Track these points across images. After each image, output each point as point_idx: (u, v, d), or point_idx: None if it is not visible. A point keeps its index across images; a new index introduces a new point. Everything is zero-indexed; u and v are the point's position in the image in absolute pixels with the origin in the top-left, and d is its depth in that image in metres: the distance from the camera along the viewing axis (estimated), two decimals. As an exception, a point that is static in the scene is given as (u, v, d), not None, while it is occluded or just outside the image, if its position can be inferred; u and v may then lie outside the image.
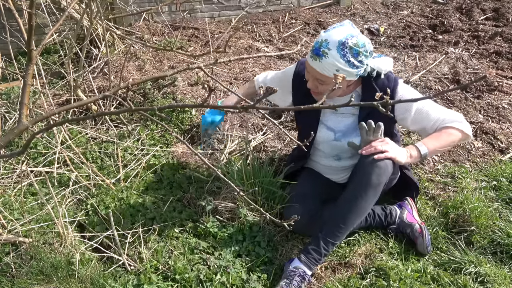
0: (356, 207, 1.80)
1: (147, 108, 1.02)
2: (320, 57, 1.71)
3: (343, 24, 1.75)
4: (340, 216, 1.82)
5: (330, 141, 1.97)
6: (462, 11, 4.82)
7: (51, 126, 1.19)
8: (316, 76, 1.76)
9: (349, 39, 1.68)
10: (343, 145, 1.95)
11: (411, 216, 2.04)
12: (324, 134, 1.97)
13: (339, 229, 1.82)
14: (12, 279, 1.77)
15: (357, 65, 1.73)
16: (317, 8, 5.02)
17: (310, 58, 1.76)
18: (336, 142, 1.96)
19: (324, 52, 1.69)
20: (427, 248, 1.92)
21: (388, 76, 1.85)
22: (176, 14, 4.43)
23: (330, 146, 1.99)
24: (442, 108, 1.88)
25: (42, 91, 2.52)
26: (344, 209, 1.82)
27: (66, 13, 1.58)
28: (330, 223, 1.84)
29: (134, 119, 2.89)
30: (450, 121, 1.82)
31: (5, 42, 2.57)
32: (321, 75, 1.74)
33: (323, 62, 1.71)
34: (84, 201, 2.17)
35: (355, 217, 1.82)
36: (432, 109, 1.85)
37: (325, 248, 1.82)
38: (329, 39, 1.69)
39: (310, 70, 1.78)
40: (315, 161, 2.13)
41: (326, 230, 1.83)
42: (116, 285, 1.74)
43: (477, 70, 3.49)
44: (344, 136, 1.94)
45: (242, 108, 0.94)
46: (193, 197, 2.20)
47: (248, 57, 1.17)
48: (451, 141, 1.81)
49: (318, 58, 1.71)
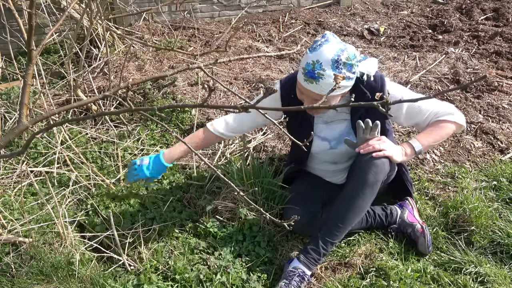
0: (354, 206, 1.80)
1: (147, 108, 1.02)
2: (316, 80, 1.66)
3: (327, 39, 1.69)
4: (338, 215, 1.83)
5: (327, 150, 1.97)
6: (462, 11, 4.82)
7: (51, 126, 1.19)
8: (314, 97, 1.72)
9: (341, 55, 1.64)
10: (340, 151, 1.95)
11: (412, 216, 2.04)
12: (319, 145, 1.96)
13: (338, 228, 1.82)
14: (12, 279, 1.77)
15: (352, 76, 1.72)
16: (317, 8, 5.02)
17: (304, 81, 1.70)
18: (333, 150, 1.96)
19: (319, 74, 1.65)
20: (428, 248, 1.92)
21: (374, 76, 1.82)
22: (176, 14, 4.43)
23: (328, 154, 2.00)
24: (433, 101, 1.87)
25: (42, 91, 2.52)
26: (342, 209, 1.82)
27: (66, 13, 1.58)
28: (328, 222, 1.84)
29: (134, 119, 2.89)
30: (443, 114, 1.82)
31: (5, 42, 2.57)
32: (320, 96, 1.70)
33: (320, 83, 1.66)
34: (84, 201, 2.17)
35: (353, 216, 1.82)
36: (424, 103, 1.85)
37: (324, 247, 1.82)
38: (321, 59, 1.65)
39: (306, 92, 1.73)
40: (312, 167, 2.14)
41: (324, 229, 1.84)
42: (116, 285, 1.74)
43: (477, 70, 3.49)
44: (339, 143, 1.94)
45: (242, 108, 0.94)
46: (193, 197, 2.20)
47: (248, 57, 1.17)
48: (445, 133, 1.82)
49: (314, 81, 1.67)
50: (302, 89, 1.75)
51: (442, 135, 1.82)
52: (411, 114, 1.85)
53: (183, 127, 2.77)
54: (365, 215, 2.01)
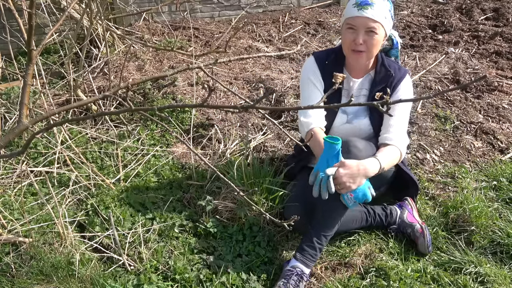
0: (341, 203, 1.81)
1: (147, 108, 1.02)
2: (371, 5, 1.81)
3: None
4: (328, 208, 1.82)
5: (344, 124, 2.01)
6: (462, 11, 4.82)
7: (51, 126, 1.19)
8: (368, 25, 1.82)
9: None
10: (354, 126, 2.00)
11: (412, 216, 2.04)
12: (339, 118, 2.02)
13: (328, 220, 1.83)
14: (12, 279, 1.77)
15: (392, 18, 1.89)
16: (317, 8, 5.02)
17: (358, 11, 1.82)
18: (348, 125, 2.00)
19: (372, 1, 1.82)
20: (428, 248, 1.92)
21: (400, 67, 1.98)
22: (176, 14, 4.43)
23: (344, 130, 2.02)
24: (404, 125, 1.96)
25: (42, 91, 2.52)
26: (329, 200, 1.77)
27: (66, 13, 1.58)
28: (318, 216, 1.85)
29: (134, 119, 2.89)
30: (399, 144, 1.91)
31: (5, 42, 2.57)
32: (374, 21, 1.81)
33: (375, 8, 1.81)
34: (84, 201, 2.18)
35: (343, 207, 1.82)
36: (403, 120, 1.95)
37: (318, 242, 1.82)
38: None
39: (361, 22, 1.83)
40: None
41: (315, 223, 1.84)
42: (116, 285, 1.74)
43: (477, 70, 3.49)
44: (355, 118, 2.00)
45: (242, 108, 0.94)
46: (193, 197, 2.20)
47: (248, 57, 1.17)
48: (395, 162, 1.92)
49: (369, 7, 1.81)
50: (356, 21, 1.84)
51: (394, 163, 1.92)
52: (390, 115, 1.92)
53: (183, 127, 2.77)
54: (365, 214, 2.01)
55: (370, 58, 1.93)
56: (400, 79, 1.94)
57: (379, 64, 1.97)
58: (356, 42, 1.85)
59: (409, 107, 2.01)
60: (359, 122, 1.98)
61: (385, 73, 1.95)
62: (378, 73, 1.96)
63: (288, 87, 3.20)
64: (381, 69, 1.96)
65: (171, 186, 2.30)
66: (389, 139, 1.91)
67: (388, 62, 1.97)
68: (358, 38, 1.84)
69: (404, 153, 1.94)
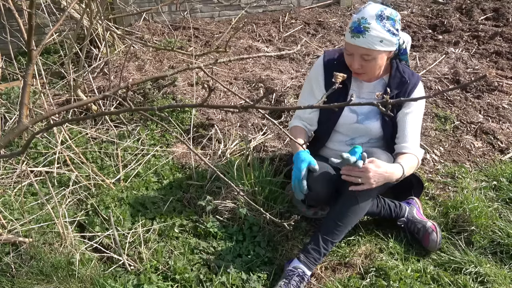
0: (353, 207, 1.81)
1: (147, 108, 1.02)
2: (363, 33, 1.77)
3: (370, 3, 1.86)
4: (338, 214, 1.83)
5: (352, 123, 2.00)
6: (462, 11, 4.82)
7: (51, 126, 1.19)
8: (362, 52, 1.81)
9: (383, 11, 1.80)
10: (364, 127, 1.99)
11: (420, 214, 2.05)
12: (347, 117, 2.00)
13: (338, 227, 1.82)
14: (12, 279, 1.77)
15: (396, 33, 1.82)
16: (317, 8, 5.02)
17: (351, 38, 1.80)
18: (358, 125, 1.99)
19: (365, 28, 1.77)
20: (438, 245, 1.94)
21: (413, 72, 1.99)
22: (176, 14, 4.43)
23: (351, 129, 2.01)
24: (418, 134, 1.99)
25: (42, 91, 2.52)
26: (343, 208, 1.83)
27: (66, 13, 1.58)
28: (328, 221, 1.85)
29: (134, 119, 2.89)
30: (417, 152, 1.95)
31: (5, 42, 2.57)
32: (366, 50, 1.79)
33: (367, 36, 1.77)
34: (84, 201, 2.18)
35: (353, 215, 1.83)
36: (417, 130, 1.98)
37: (324, 247, 1.82)
38: (365, 15, 1.79)
39: (354, 49, 1.82)
40: (328, 147, 2.10)
41: (324, 228, 1.84)
42: (116, 285, 1.74)
43: (477, 70, 3.49)
44: (366, 119, 1.99)
45: (242, 108, 0.94)
46: (193, 197, 2.20)
47: (248, 57, 1.17)
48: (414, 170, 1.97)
49: (361, 35, 1.78)
50: (350, 48, 1.84)
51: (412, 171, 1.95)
52: (406, 125, 1.95)
53: (183, 127, 2.77)
54: (376, 200, 1.98)
55: (372, 76, 1.95)
56: (414, 86, 1.95)
57: (394, 69, 1.96)
58: (353, 67, 1.88)
59: (422, 114, 2.02)
60: (370, 124, 1.98)
61: (400, 79, 1.95)
62: (392, 77, 1.96)
63: (288, 87, 3.20)
64: (396, 74, 1.96)
65: (171, 186, 2.30)
66: (407, 148, 1.93)
67: (402, 68, 1.97)
68: (354, 63, 1.85)
69: (420, 162, 1.97)
